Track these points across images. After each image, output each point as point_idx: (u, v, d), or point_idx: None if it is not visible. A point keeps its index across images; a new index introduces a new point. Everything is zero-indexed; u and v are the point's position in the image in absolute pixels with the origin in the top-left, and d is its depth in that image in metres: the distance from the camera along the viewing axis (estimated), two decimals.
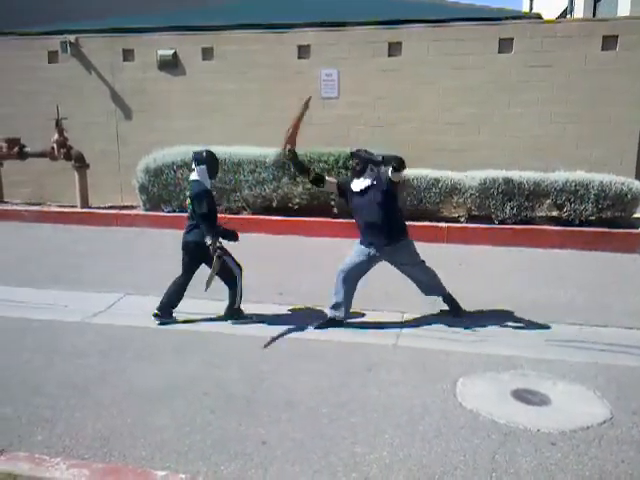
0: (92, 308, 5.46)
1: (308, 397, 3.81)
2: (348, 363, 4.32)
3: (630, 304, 5.56)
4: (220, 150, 8.98)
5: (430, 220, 8.21)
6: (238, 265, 5.10)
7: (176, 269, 6.80)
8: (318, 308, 5.42)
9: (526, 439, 3.32)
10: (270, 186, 8.70)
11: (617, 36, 8.63)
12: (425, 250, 5.79)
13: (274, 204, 8.79)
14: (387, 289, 5.92)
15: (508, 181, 7.93)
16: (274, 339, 4.75)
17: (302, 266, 6.89)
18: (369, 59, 9.38)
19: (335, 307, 5.03)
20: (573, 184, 7.80)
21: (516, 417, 3.56)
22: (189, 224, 5.01)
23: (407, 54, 9.27)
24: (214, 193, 5.25)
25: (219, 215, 5.17)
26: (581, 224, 7.84)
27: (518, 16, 10.82)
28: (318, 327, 4.98)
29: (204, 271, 5.00)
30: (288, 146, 5.08)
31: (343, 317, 5.02)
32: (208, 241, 4.79)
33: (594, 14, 13.35)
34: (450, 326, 5.03)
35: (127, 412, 3.62)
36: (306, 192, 8.59)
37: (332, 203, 8.52)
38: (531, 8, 19.63)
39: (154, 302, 5.25)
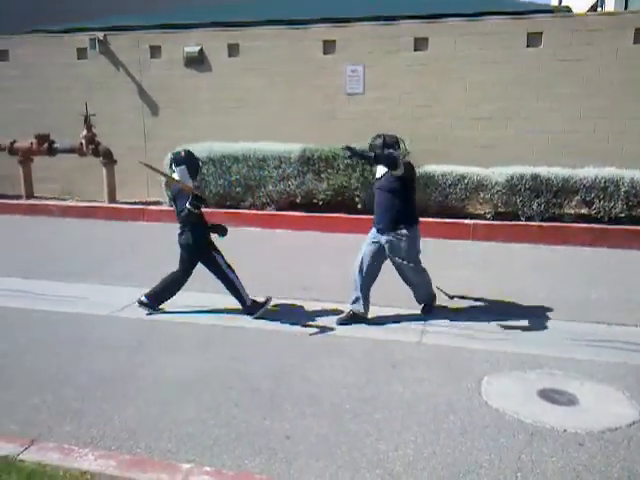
0: (119, 302, 5.54)
1: (332, 392, 3.81)
2: (372, 359, 4.31)
3: None
4: (246, 146, 9.08)
5: (456, 217, 8.14)
6: (229, 266, 5.11)
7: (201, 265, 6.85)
8: (342, 304, 5.43)
9: (553, 439, 3.28)
10: (294, 182, 8.71)
11: None
12: (450, 247, 5.76)
13: (298, 200, 8.81)
14: None
15: (536, 177, 7.82)
16: (298, 334, 4.77)
17: (326, 262, 6.89)
18: (395, 54, 9.31)
19: (355, 301, 5.03)
20: (603, 180, 7.65)
21: (543, 417, 3.51)
22: (180, 228, 5.06)
23: (433, 49, 9.19)
24: (238, 190, 5.26)
25: (243, 211, 5.18)
26: (611, 222, 7.68)
27: (547, 10, 10.64)
28: (341, 323, 4.98)
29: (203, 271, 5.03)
30: None
31: (363, 312, 5.00)
32: (189, 206, 4.79)
33: (626, 7, 13.05)
34: (475, 323, 4.98)
35: (153, 404, 3.67)
36: (330, 188, 8.58)
37: (356, 199, 8.51)
38: (560, 1, 19.28)
39: (180, 296, 5.31)
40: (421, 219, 8.03)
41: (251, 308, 5.13)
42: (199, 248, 5.05)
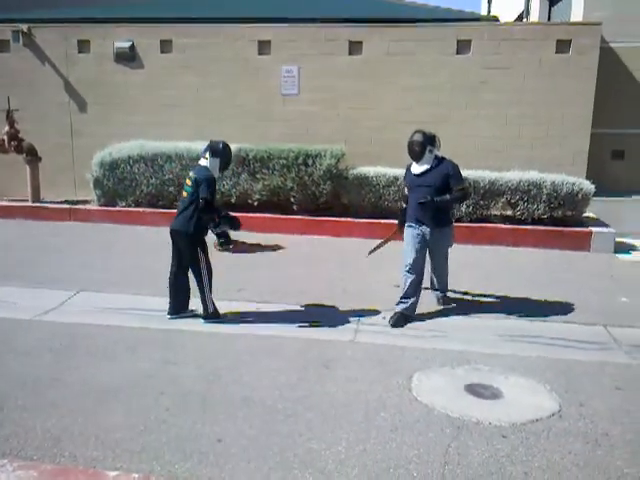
0: (44, 305, 5.31)
1: (265, 393, 3.80)
2: (306, 359, 4.32)
3: (580, 300, 5.74)
4: (179, 145, 8.92)
5: (390, 217, 8.27)
6: (209, 267, 4.98)
7: (132, 265, 6.70)
8: (276, 304, 5.43)
9: (478, 432, 3.40)
10: (229, 182, 8.62)
11: (570, 40, 8.88)
12: (384, 248, 5.86)
13: (233, 200, 8.71)
14: (346, 286, 5.96)
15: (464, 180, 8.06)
16: (232, 336, 4.72)
17: (260, 263, 6.86)
18: (330, 57, 9.39)
19: (403, 302, 5.13)
20: (526, 184, 7.99)
21: (469, 411, 3.63)
22: (179, 209, 4.95)
23: (367, 53, 9.32)
24: (171, 189, 5.20)
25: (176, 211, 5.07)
26: (534, 222, 8.04)
27: (476, 18, 11.00)
28: (393, 325, 5.00)
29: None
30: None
31: (410, 313, 5.14)
32: (214, 230, 4.84)
33: (549, 18, 13.68)
34: (407, 321, 5.08)
35: (79, 411, 3.54)
36: (266, 188, 8.55)
37: (292, 200, 8.51)
38: (489, 11, 20.00)
39: (109, 299, 5.15)
40: (355, 220, 8.20)
41: (208, 316, 5.01)
42: (194, 237, 4.88)
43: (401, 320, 5.04)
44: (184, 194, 4.95)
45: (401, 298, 5.11)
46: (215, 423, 3.44)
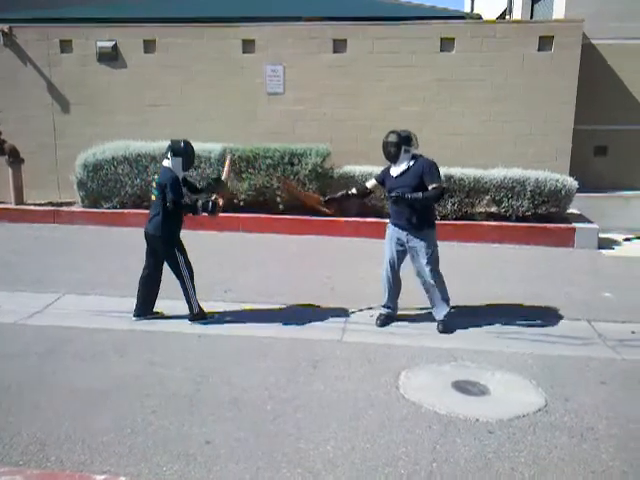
0: (28, 308, 5.26)
1: (253, 394, 3.79)
2: (294, 359, 4.32)
3: (564, 296, 5.80)
4: (164, 145, 8.82)
5: (375, 216, 8.31)
6: (189, 267, 4.95)
7: (117, 267, 6.65)
8: (263, 304, 5.42)
9: (465, 429, 3.42)
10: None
11: (552, 37, 8.95)
12: (370, 246, 5.88)
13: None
14: (333, 285, 5.97)
15: (449, 178, 8.10)
16: (219, 337, 4.71)
17: (247, 263, 6.85)
18: (315, 55, 9.38)
19: (386, 305, 5.08)
20: (510, 181, 8.05)
21: (456, 408, 3.65)
22: (151, 213, 4.93)
23: (352, 51, 9.33)
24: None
25: None
26: (518, 219, 8.10)
27: (459, 16, 11.05)
28: (380, 326, 4.98)
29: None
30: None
31: (394, 313, 5.11)
32: (200, 210, 4.85)
33: (532, 16, 13.77)
34: (393, 320, 5.10)
35: (65, 415, 3.51)
36: (252, 188, 8.53)
37: (278, 199, 8.50)
38: (472, 8, 20.08)
39: (94, 301, 5.11)
40: (341, 219, 8.19)
41: (194, 317, 4.97)
42: (167, 240, 4.87)
43: (388, 321, 5.05)
44: (153, 197, 4.93)
45: (384, 302, 5.10)
46: (203, 425, 3.43)
